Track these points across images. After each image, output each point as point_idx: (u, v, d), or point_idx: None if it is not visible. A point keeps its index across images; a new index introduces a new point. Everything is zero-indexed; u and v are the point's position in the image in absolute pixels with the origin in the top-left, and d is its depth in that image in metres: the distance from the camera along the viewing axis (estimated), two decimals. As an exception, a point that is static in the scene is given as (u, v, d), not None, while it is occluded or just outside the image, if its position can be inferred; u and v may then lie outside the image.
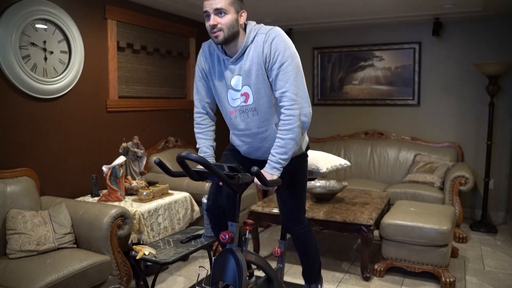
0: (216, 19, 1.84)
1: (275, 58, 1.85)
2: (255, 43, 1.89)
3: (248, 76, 1.91)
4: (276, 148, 1.90)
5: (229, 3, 1.83)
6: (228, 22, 1.83)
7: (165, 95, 4.35)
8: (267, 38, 1.86)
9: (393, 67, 4.98)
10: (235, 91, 1.96)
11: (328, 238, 4.03)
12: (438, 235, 2.97)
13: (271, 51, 1.85)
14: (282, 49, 1.84)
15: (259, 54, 1.87)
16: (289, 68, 1.84)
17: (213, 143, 2.18)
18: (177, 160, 1.68)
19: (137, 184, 3.33)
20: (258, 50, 1.87)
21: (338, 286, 3.06)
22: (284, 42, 1.86)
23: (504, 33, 4.44)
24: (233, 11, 1.84)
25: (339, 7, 4.17)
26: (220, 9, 1.82)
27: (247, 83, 1.92)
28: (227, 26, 1.84)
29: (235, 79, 1.94)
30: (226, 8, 1.82)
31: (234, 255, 1.81)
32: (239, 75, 1.93)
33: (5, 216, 2.55)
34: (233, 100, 1.98)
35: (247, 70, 1.90)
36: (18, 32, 2.82)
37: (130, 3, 3.80)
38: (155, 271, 2.71)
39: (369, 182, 4.66)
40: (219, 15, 1.83)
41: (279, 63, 1.84)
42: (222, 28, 1.84)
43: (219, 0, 1.81)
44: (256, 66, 1.88)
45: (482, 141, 4.56)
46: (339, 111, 5.32)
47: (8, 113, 2.84)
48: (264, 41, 1.86)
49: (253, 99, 1.93)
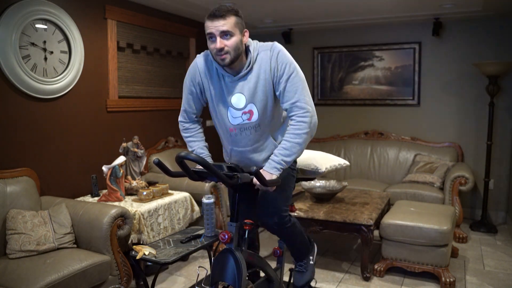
0: (223, 41, 1.80)
1: (282, 71, 1.87)
2: (259, 61, 1.89)
3: (254, 94, 1.90)
4: (280, 150, 1.90)
5: (234, 24, 1.81)
6: (234, 44, 1.81)
7: (165, 95, 4.35)
8: (272, 53, 1.88)
9: (393, 67, 4.98)
10: (236, 109, 1.94)
11: (328, 238, 4.04)
12: (438, 235, 2.97)
13: (278, 64, 1.87)
14: (288, 62, 1.88)
15: (266, 71, 1.88)
16: (296, 79, 1.87)
17: (205, 143, 2.16)
18: (176, 160, 1.68)
19: (137, 184, 3.33)
20: (264, 66, 1.88)
21: (338, 286, 3.06)
22: (288, 56, 1.90)
23: (504, 33, 4.44)
24: (238, 32, 1.83)
25: (339, 7, 4.17)
26: (226, 31, 1.79)
27: (252, 101, 1.91)
28: (233, 48, 1.82)
29: (235, 97, 1.92)
30: (232, 30, 1.80)
31: (234, 255, 1.81)
32: (240, 93, 1.91)
33: (5, 216, 2.55)
34: (234, 118, 1.97)
35: (252, 87, 1.90)
36: (18, 32, 2.82)
37: (130, 3, 3.80)
38: (155, 271, 2.71)
39: (369, 182, 4.66)
40: (225, 37, 1.80)
41: (287, 75, 1.87)
42: (228, 51, 1.82)
43: (225, 22, 1.78)
44: (263, 82, 1.89)
45: (482, 141, 4.56)
46: (339, 111, 5.32)
47: (8, 113, 2.84)
48: (270, 57, 1.88)
49: (258, 116, 1.94)
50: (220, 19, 1.78)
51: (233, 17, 1.80)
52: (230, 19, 1.79)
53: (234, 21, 1.80)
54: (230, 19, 1.79)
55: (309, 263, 2.32)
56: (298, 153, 1.92)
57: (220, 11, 1.79)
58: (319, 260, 3.51)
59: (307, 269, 2.31)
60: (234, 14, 1.81)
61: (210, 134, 2.53)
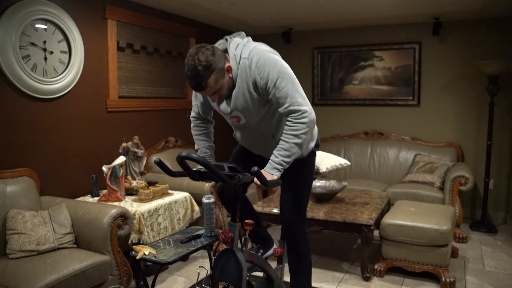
0: (216, 95, 1.90)
1: (265, 80, 1.83)
2: (241, 73, 1.87)
3: (236, 102, 1.92)
4: (279, 150, 1.89)
5: (215, 82, 1.81)
6: (224, 90, 1.88)
7: (165, 95, 4.35)
8: (250, 62, 1.85)
9: (393, 67, 4.98)
10: (225, 114, 2.02)
11: (328, 238, 4.03)
12: (438, 235, 2.97)
13: (259, 74, 1.83)
14: (269, 68, 1.82)
15: (247, 82, 1.87)
16: (283, 83, 1.82)
17: (212, 143, 2.23)
18: (177, 160, 1.68)
19: (137, 184, 3.33)
20: (245, 77, 1.86)
21: (338, 286, 3.06)
22: (268, 60, 1.83)
23: (504, 33, 4.44)
24: (221, 79, 1.84)
25: (339, 7, 4.17)
26: (214, 92, 1.86)
27: (235, 108, 1.94)
28: (225, 90, 1.90)
29: (222, 104, 1.97)
30: (216, 88, 1.84)
31: (234, 255, 1.81)
32: (225, 101, 1.95)
33: (5, 216, 2.55)
34: (228, 119, 2.07)
35: (234, 96, 1.91)
36: (18, 32, 2.82)
37: (130, 3, 3.80)
38: (155, 271, 2.70)
39: (369, 182, 4.66)
40: (216, 92, 1.88)
41: (271, 83, 1.82)
42: (223, 94, 1.91)
43: (208, 90, 1.82)
44: (243, 92, 1.89)
45: (482, 141, 4.56)
46: (339, 111, 5.32)
47: (8, 113, 2.84)
48: (249, 66, 1.85)
49: (245, 119, 1.99)
50: (203, 90, 1.82)
51: (211, 77, 1.77)
52: (210, 83, 1.79)
53: (214, 80, 1.79)
54: (210, 83, 1.79)
55: None
56: (298, 153, 1.91)
57: (197, 83, 1.77)
58: (319, 260, 3.51)
59: None
60: (209, 73, 1.76)
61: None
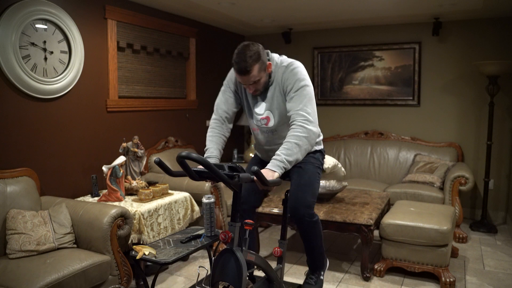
0: (254, 86, 2.10)
1: (292, 84, 2.08)
2: (277, 76, 2.15)
3: (272, 103, 2.17)
4: (282, 150, 2.00)
5: (258, 71, 2.04)
6: (262, 83, 2.12)
7: (165, 95, 4.35)
8: (287, 69, 2.12)
9: (393, 67, 4.98)
10: (257, 114, 2.24)
11: (328, 238, 4.03)
12: (438, 235, 2.97)
13: (289, 78, 2.09)
14: (299, 79, 2.08)
15: (279, 83, 2.13)
16: (303, 93, 2.07)
17: (221, 148, 2.26)
18: (177, 160, 1.68)
19: (137, 184, 3.33)
20: (278, 80, 2.14)
21: (338, 286, 3.06)
22: (301, 73, 2.10)
23: (504, 33, 4.44)
24: (263, 72, 2.08)
25: (339, 7, 4.17)
26: (254, 80, 2.07)
27: (269, 108, 2.18)
28: (262, 86, 2.14)
29: (258, 104, 2.22)
30: (258, 77, 2.06)
31: (234, 255, 1.81)
32: (263, 101, 2.20)
33: (5, 216, 2.55)
34: (256, 121, 2.27)
35: (270, 97, 2.17)
36: (18, 32, 2.82)
37: (130, 3, 3.80)
38: (155, 271, 2.71)
39: (369, 182, 4.66)
40: (255, 84, 2.09)
41: (295, 89, 2.07)
42: (259, 89, 2.14)
43: (251, 75, 2.03)
44: (278, 94, 2.15)
45: (482, 141, 4.57)
46: (339, 111, 5.32)
47: (8, 113, 2.84)
48: (284, 72, 2.12)
49: (273, 122, 2.20)
50: (246, 74, 2.03)
51: (255, 65, 2.02)
52: (254, 70, 2.02)
53: (257, 68, 2.03)
54: (254, 70, 2.02)
55: (320, 277, 2.39)
56: (298, 155, 2.01)
57: (244, 66, 1.99)
58: (319, 260, 3.51)
59: (317, 282, 2.37)
60: (256, 62, 2.01)
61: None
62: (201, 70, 4.81)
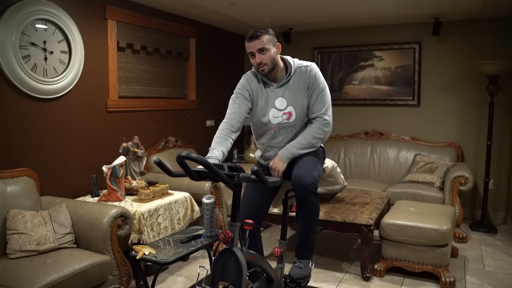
0: (261, 56, 2.21)
1: (316, 86, 2.28)
2: (299, 72, 2.30)
3: (294, 98, 2.28)
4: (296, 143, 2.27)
5: (267, 41, 2.20)
6: (269, 57, 2.22)
7: (165, 95, 4.35)
8: (310, 69, 2.29)
9: (393, 67, 4.98)
10: (278, 110, 2.31)
11: (328, 238, 4.03)
12: (438, 235, 2.97)
13: (314, 80, 2.28)
14: (321, 82, 2.30)
15: (304, 81, 2.28)
16: (325, 96, 2.30)
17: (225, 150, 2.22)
18: (177, 160, 1.68)
19: (137, 184, 3.33)
20: (303, 77, 2.29)
21: (338, 286, 3.06)
22: (321, 77, 2.32)
23: (504, 33, 4.44)
24: (272, 47, 2.22)
25: (339, 7, 4.17)
26: (262, 48, 2.19)
27: (291, 103, 2.29)
28: (269, 60, 2.22)
29: (279, 100, 2.30)
30: (266, 46, 2.19)
31: (234, 255, 1.81)
32: (282, 97, 2.30)
33: (5, 216, 2.55)
34: (275, 118, 2.32)
35: (292, 93, 2.29)
36: (18, 32, 2.82)
37: (130, 3, 3.80)
38: (155, 271, 2.71)
39: (369, 182, 4.66)
40: (262, 53, 2.20)
41: (318, 91, 2.28)
42: (266, 63, 2.22)
43: (259, 42, 2.18)
44: (302, 90, 2.28)
45: (482, 141, 4.56)
46: (339, 111, 5.32)
47: (8, 113, 2.84)
48: (308, 72, 2.29)
49: (295, 117, 2.30)
50: (256, 40, 2.18)
51: (265, 35, 2.20)
52: (264, 38, 2.19)
53: (266, 39, 2.20)
54: (263, 38, 2.18)
55: (308, 265, 2.35)
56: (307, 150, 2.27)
57: (255, 33, 2.19)
58: (319, 260, 3.51)
59: (306, 267, 2.32)
60: (266, 33, 2.20)
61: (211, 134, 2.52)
62: (201, 70, 4.81)
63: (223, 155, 2.19)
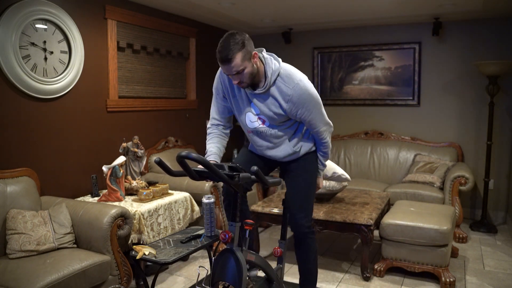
0: (238, 77, 1.98)
1: (303, 110, 2.07)
2: (278, 88, 2.06)
3: (264, 110, 2.11)
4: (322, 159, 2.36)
5: (241, 60, 1.92)
6: (247, 74, 1.98)
7: (165, 95, 4.35)
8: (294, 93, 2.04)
9: (393, 67, 4.98)
10: (253, 114, 2.17)
11: (328, 238, 4.03)
12: (438, 235, 2.97)
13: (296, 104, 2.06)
14: (308, 101, 2.06)
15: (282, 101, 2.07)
16: (314, 112, 2.11)
17: (221, 147, 2.26)
18: (177, 160, 1.68)
19: (137, 184, 3.33)
20: (282, 96, 2.06)
21: (338, 286, 3.06)
22: (309, 94, 2.06)
23: (504, 33, 4.44)
24: (247, 62, 1.95)
25: (339, 7, 4.17)
26: (237, 71, 1.94)
27: (262, 114, 2.14)
28: (248, 77, 2.00)
29: (254, 105, 2.14)
30: (241, 67, 1.93)
31: (234, 255, 1.81)
32: (255, 105, 2.13)
33: (5, 216, 2.55)
34: (251, 122, 2.19)
35: (264, 105, 2.10)
36: (18, 32, 2.82)
37: (130, 3, 3.80)
38: (155, 271, 2.71)
39: (369, 182, 4.66)
40: (238, 74, 1.96)
41: (308, 113, 2.09)
42: (244, 80, 2.00)
43: (233, 64, 1.91)
44: (275, 106, 2.09)
45: (482, 141, 4.56)
46: (339, 111, 5.32)
47: (8, 113, 2.84)
48: (291, 95, 2.05)
49: (268, 124, 2.17)
50: (228, 64, 1.91)
51: (239, 53, 1.90)
52: (237, 58, 1.90)
53: (240, 57, 1.91)
54: (236, 59, 1.90)
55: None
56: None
57: (225, 55, 1.89)
58: (319, 260, 3.50)
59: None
60: (237, 51, 1.90)
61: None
62: (201, 70, 4.81)
63: (220, 151, 2.23)
